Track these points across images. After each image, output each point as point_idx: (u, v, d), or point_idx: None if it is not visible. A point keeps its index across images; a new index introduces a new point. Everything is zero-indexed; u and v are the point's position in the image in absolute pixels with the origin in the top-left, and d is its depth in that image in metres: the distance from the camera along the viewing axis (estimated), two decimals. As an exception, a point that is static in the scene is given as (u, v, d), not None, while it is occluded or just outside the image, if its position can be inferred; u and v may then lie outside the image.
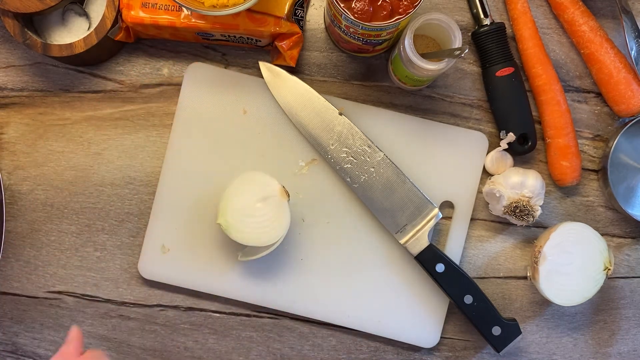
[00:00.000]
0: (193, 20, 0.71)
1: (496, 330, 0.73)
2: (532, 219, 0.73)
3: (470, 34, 0.77)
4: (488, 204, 0.77)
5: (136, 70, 0.78)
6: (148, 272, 0.76)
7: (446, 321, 0.76)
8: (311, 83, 0.76)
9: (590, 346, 0.77)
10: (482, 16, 0.75)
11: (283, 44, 0.73)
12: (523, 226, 0.77)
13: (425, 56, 0.67)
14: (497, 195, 0.73)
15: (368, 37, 0.68)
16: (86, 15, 0.76)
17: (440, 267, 0.72)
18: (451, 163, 0.76)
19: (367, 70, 0.77)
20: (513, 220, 0.74)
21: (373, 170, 0.74)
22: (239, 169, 0.75)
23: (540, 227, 0.78)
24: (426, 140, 0.76)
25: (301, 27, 0.74)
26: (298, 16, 0.74)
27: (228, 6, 0.66)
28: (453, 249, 0.76)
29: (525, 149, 0.75)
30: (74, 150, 0.77)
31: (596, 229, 0.74)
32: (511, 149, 0.75)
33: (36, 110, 0.78)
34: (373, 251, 0.75)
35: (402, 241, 0.73)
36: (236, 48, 0.77)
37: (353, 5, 0.63)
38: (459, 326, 0.77)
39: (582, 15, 0.75)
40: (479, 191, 0.77)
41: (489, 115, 0.77)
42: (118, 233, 0.77)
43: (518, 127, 0.75)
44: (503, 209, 0.73)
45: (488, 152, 0.76)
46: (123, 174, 0.77)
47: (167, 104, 0.77)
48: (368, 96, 0.77)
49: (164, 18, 0.71)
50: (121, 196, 0.77)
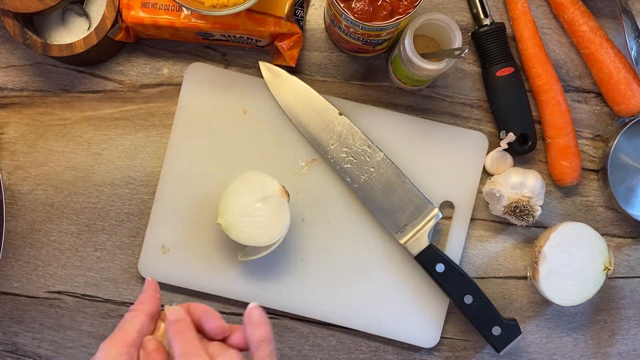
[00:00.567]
0: (193, 20, 0.71)
1: (496, 330, 0.73)
2: (532, 219, 0.73)
3: (470, 34, 0.77)
4: (488, 204, 0.77)
5: (136, 70, 0.78)
6: (148, 272, 0.76)
7: (446, 321, 0.76)
8: (311, 83, 0.76)
9: (590, 346, 0.77)
10: (482, 16, 0.75)
11: (283, 44, 0.73)
12: (523, 226, 0.77)
13: (425, 56, 0.67)
14: (497, 195, 0.73)
15: (368, 37, 0.68)
16: (86, 15, 0.76)
17: (440, 267, 0.72)
18: (451, 163, 0.76)
19: (367, 70, 0.77)
20: (513, 220, 0.74)
21: (373, 170, 0.74)
22: (239, 169, 0.75)
23: (540, 227, 0.78)
24: (426, 140, 0.76)
25: (301, 27, 0.74)
26: (298, 16, 0.74)
27: (228, 6, 0.66)
28: (453, 249, 0.76)
29: (525, 149, 0.75)
30: (74, 150, 0.77)
31: (596, 229, 0.74)
32: (511, 149, 0.75)
33: (36, 110, 0.78)
34: (373, 251, 0.75)
35: (402, 241, 0.73)
36: (236, 48, 0.77)
37: (353, 5, 0.63)
38: (459, 326, 0.77)
39: (582, 15, 0.75)
40: (479, 191, 0.77)
41: (489, 115, 0.77)
42: (118, 233, 0.77)
43: (518, 127, 0.75)
44: (503, 209, 0.73)
45: (488, 152, 0.76)
46: (123, 174, 0.77)
47: (167, 104, 0.77)
48: (368, 96, 0.77)
49: (164, 18, 0.71)
50: (121, 196, 0.77)
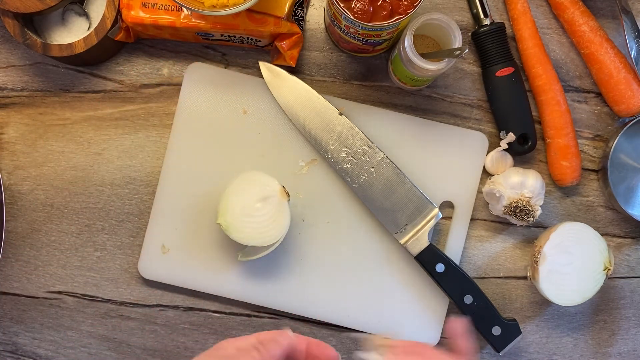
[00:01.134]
0: (193, 20, 0.71)
1: (496, 330, 0.73)
2: (532, 219, 0.73)
3: (470, 34, 0.77)
4: (488, 204, 0.77)
5: (136, 70, 0.78)
6: (148, 272, 0.76)
7: (446, 321, 0.76)
8: (311, 83, 0.76)
9: (590, 346, 0.77)
10: (482, 16, 0.75)
11: (283, 44, 0.73)
12: (523, 226, 0.77)
13: (425, 56, 0.67)
14: (497, 195, 0.73)
15: (368, 37, 0.68)
16: (86, 15, 0.76)
17: (440, 267, 0.72)
18: (451, 163, 0.76)
19: (367, 70, 0.77)
20: (513, 220, 0.74)
21: (373, 170, 0.74)
22: (239, 169, 0.75)
23: (540, 227, 0.78)
24: (426, 140, 0.76)
25: (301, 27, 0.74)
26: (298, 16, 0.74)
27: (228, 6, 0.66)
28: (453, 249, 0.76)
29: (525, 149, 0.75)
30: (74, 150, 0.77)
31: (596, 229, 0.74)
32: (511, 149, 0.75)
33: (36, 110, 0.78)
34: (373, 251, 0.75)
35: (402, 241, 0.73)
36: (236, 48, 0.77)
37: (353, 5, 0.63)
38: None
39: (582, 15, 0.75)
40: (479, 191, 0.77)
41: (489, 115, 0.77)
42: (118, 233, 0.77)
43: (518, 127, 0.75)
44: (503, 209, 0.73)
45: (488, 152, 0.76)
46: (123, 174, 0.77)
47: (167, 104, 0.77)
48: (368, 96, 0.77)
49: (164, 18, 0.71)
50: (121, 196, 0.77)
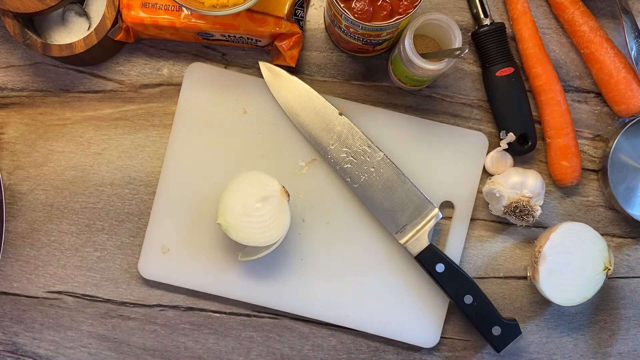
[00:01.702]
0: (193, 20, 0.71)
1: (496, 330, 0.73)
2: (532, 219, 0.73)
3: (470, 34, 0.77)
4: (488, 204, 0.77)
5: (136, 70, 0.78)
6: (148, 272, 0.76)
7: (446, 321, 0.76)
8: (311, 83, 0.76)
9: (590, 346, 0.77)
10: (482, 16, 0.75)
11: (283, 44, 0.73)
12: (523, 226, 0.77)
13: (425, 56, 0.67)
14: (497, 195, 0.73)
15: (368, 37, 0.68)
16: (86, 15, 0.76)
17: (440, 267, 0.72)
18: (451, 163, 0.76)
19: (367, 70, 0.77)
20: (513, 220, 0.74)
21: (373, 170, 0.74)
22: (239, 169, 0.75)
23: (540, 227, 0.78)
24: (426, 140, 0.76)
25: (301, 27, 0.74)
26: (298, 16, 0.74)
27: (228, 6, 0.66)
28: (453, 249, 0.76)
29: (525, 149, 0.75)
30: (74, 150, 0.77)
31: (596, 229, 0.74)
32: (511, 149, 0.75)
33: (36, 110, 0.78)
34: (373, 251, 0.75)
35: (402, 241, 0.73)
36: (236, 48, 0.77)
37: (353, 5, 0.63)
38: (459, 326, 0.77)
39: (582, 15, 0.75)
40: (479, 191, 0.77)
41: (489, 115, 0.77)
42: (118, 233, 0.77)
43: (518, 127, 0.75)
44: (503, 209, 0.73)
45: (488, 152, 0.76)
46: (123, 174, 0.77)
47: (167, 104, 0.77)
48: (368, 96, 0.77)
49: (164, 18, 0.71)
50: (121, 196, 0.77)
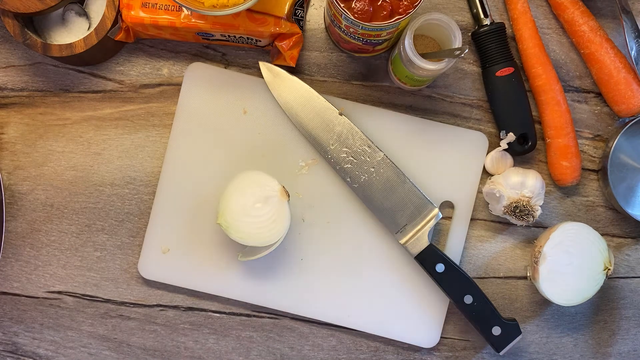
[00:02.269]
0: (193, 20, 0.71)
1: (496, 330, 0.73)
2: (532, 219, 0.73)
3: (470, 34, 0.77)
4: (488, 204, 0.77)
5: (136, 70, 0.78)
6: (148, 272, 0.76)
7: (446, 321, 0.76)
8: (311, 83, 0.76)
9: (590, 346, 0.77)
10: (482, 16, 0.75)
11: (283, 44, 0.73)
12: (523, 226, 0.77)
13: (425, 56, 0.67)
14: (497, 195, 0.73)
15: (368, 37, 0.68)
16: (86, 15, 0.76)
17: (440, 267, 0.72)
18: (451, 163, 0.76)
19: (367, 70, 0.77)
20: (513, 220, 0.74)
21: (373, 170, 0.74)
22: (239, 169, 0.75)
23: (540, 227, 0.78)
24: (426, 140, 0.76)
25: (301, 27, 0.74)
26: (298, 16, 0.74)
27: (228, 6, 0.66)
28: (453, 249, 0.76)
29: (525, 149, 0.75)
30: (74, 150, 0.77)
31: (596, 229, 0.74)
32: (511, 149, 0.75)
33: (36, 110, 0.78)
34: (373, 251, 0.75)
35: (402, 241, 0.73)
36: (236, 48, 0.77)
37: (353, 5, 0.63)
38: (459, 326, 0.77)
39: (582, 15, 0.75)
40: (479, 191, 0.77)
41: (489, 115, 0.77)
42: (118, 233, 0.77)
43: (518, 127, 0.75)
44: (503, 209, 0.73)
45: (488, 152, 0.76)
46: (123, 174, 0.77)
47: (167, 104, 0.77)
48: (368, 96, 0.77)
49: (164, 18, 0.71)
50: (121, 196, 0.77)
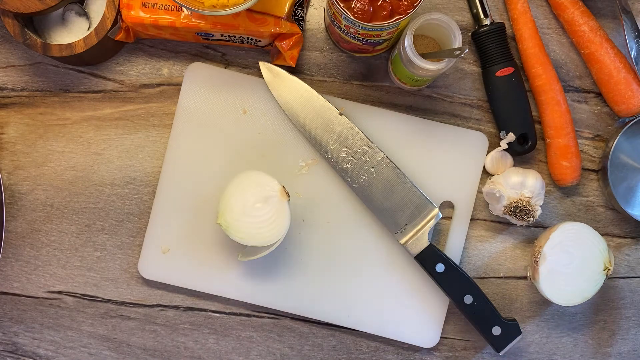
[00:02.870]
0: (193, 20, 0.71)
1: (496, 330, 0.73)
2: (532, 219, 0.73)
3: (470, 34, 0.77)
4: (488, 204, 0.77)
5: (136, 70, 0.78)
6: (148, 272, 0.76)
7: (446, 321, 0.76)
8: (311, 83, 0.76)
9: (590, 346, 0.77)
10: (482, 16, 0.75)
11: (283, 44, 0.73)
12: (523, 226, 0.77)
13: (425, 56, 0.67)
14: (497, 195, 0.73)
15: (368, 37, 0.68)
16: (86, 15, 0.76)
17: (440, 267, 0.72)
18: (451, 163, 0.76)
19: (367, 70, 0.77)
20: (513, 220, 0.74)
21: (373, 170, 0.74)
22: (239, 169, 0.75)
23: (540, 227, 0.78)
24: (426, 140, 0.76)
25: (301, 27, 0.74)
26: (298, 16, 0.74)
27: (228, 6, 0.66)
28: (453, 249, 0.76)
29: (525, 149, 0.75)
30: (74, 150, 0.77)
31: (596, 229, 0.74)
32: (511, 149, 0.75)
33: (36, 110, 0.78)
34: (373, 251, 0.75)
35: (402, 241, 0.73)
36: (236, 48, 0.77)
37: (353, 5, 0.63)
38: (459, 326, 0.77)
39: (582, 15, 0.75)
40: (479, 191, 0.77)
41: (489, 115, 0.77)
42: (118, 233, 0.77)
43: (518, 127, 0.75)
44: (503, 209, 0.73)
45: (488, 152, 0.76)
46: (123, 174, 0.77)
47: (167, 104, 0.77)
48: (368, 96, 0.77)
49: (164, 18, 0.71)
50: (121, 196, 0.77)
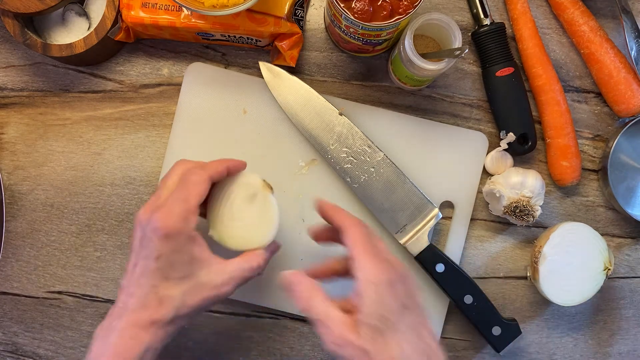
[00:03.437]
0: (193, 20, 0.71)
1: (496, 330, 0.73)
2: (532, 219, 0.73)
3: (470, 34, 0.77)
4: (488, 204, 0.77)
5: (136, 70, 0.78)
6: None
7: (446, 321, 0.76)
8: (311, 83, 0.76)
9: (590, 346, 0.77)
10: (482, 16, 0.75)
11: (283, 44, 0.73)
12: (523, 226, 0.77)
13: (425, 56, 0.67)
14: (497, 195, 0.73)
15: (368, 37, 0.68)
16: (86, 15, 0.76)
17: (440, 267, 0.72)
18: (451, 163, 0.76)
19: (367, 70, 0.77)
20: (513, 220, 0.74)
21: (373, 170, 0.74)
22: (239, 169, 0.75)
23: (540, 227, 0.78)
24: (426, 140, 0.76)
25: (301, 27, 0.74)
26: (298, 16, 0.74)
27: (228, 6, 0.66)
28: (453, 249, 0.76)
29: (525, 149, 0.75)
30: (74, 150, 0.77)
31: (596, 229, 0.74)
32: (511, 149, 0.75)
33: (36, 110, 0.78)
34: (373, 251, 0.75)
35: (402, 241, 0.73)
36: (236, 48, 0.77)
37: (353, 5, 0.63)
38: (459, 326, 0.77)
39: (582, 15, 0.75)
40: (479, 191, 0.77)
41: (489, 115, 0.77)
42: (118, 233, 0.77)
43: (518, 127, 0.75)
44: (503, 209, 0.73)
45: (488, 152, 0.76)
46: (123, 174, 0.77)
47: (167, 104, 0.77)
48: (368, 96, 0.77)
49: (164, 18, 0.71)
50: (121, 196, 0.77)
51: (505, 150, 0.75)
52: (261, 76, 0.76)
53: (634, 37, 0.73)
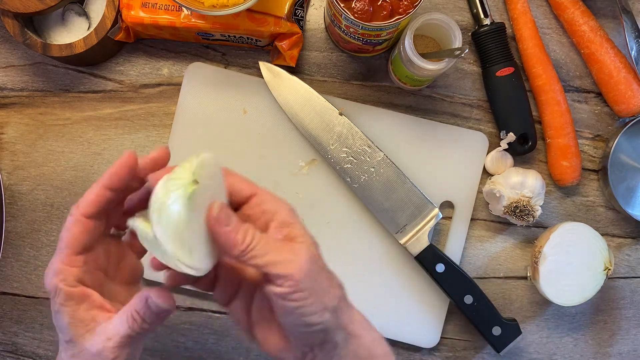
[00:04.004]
0: (193, 20, 0.71)
1: (496, 330, 0.73)
2: (532, 219, 0.73)
3: (470, 34, 0.77)
4: (488, 204, 0.77)
5: (136, 70, 0.78)
6: (148, 272, 0.75)
7: (446, 321, 0.76)
8: (311, 83, 0.76)
9: (590, 346, 0.77)
10: (482, 16, 0.75)
11: (283, 44, 0.73)
12: (523, 226, 0.77)
13: (425, 56, 0.67)
14: (497, 195, 0.73)
15: (368, 37, 0.68)
16: (86, 15, 0.76)
17: (440, 267, 0.72)
18: (451, 163, 0.76)
19: (367, 70, 0.77)
20: (513, 220, 0.74)
21: (373, 170, 0.74)
22: (239, 169, 0.74)
23: (540, 227, 0.77)
24: (426, 140, 0.76)
25: (301, 27, 0.74)
26: (298, 16, 0.74)
27: (228, 6, 0.66)
28: (453, 249, 0.76)
29: (525, 149, 0.75)
30: (74, 150, 0.77)
31: (596, 229, 0.74)
32: (511, 149, 0.75)
33: (36, 110, 0.78)
34: (373, 251, 0.75)
35: (402, 241, 0.73)
36: (236, 48, 0.77)
37: (353, 5, 0.63)
38: (459, 326, 0.77)
39: (582, 15, 0.75)
40: (479, 191, 0.77)
41: (489, 115, 0.77)
42: (118, 233, 0.77)
43: (518, 127, 0.75)
44: (503, 209, 0.73)
45: (488, 152, 0.76)
46: (123, 174, 0.77)
47: (167, 104, 0.77)
48: (368, 96, 0.77)
49: (164, 18, 0.71)
50: (121, 196, 0.77)
51: (505, 150, 0.75)
52: (261, 76, 0.76)
53: (634, 37, 0.73)
